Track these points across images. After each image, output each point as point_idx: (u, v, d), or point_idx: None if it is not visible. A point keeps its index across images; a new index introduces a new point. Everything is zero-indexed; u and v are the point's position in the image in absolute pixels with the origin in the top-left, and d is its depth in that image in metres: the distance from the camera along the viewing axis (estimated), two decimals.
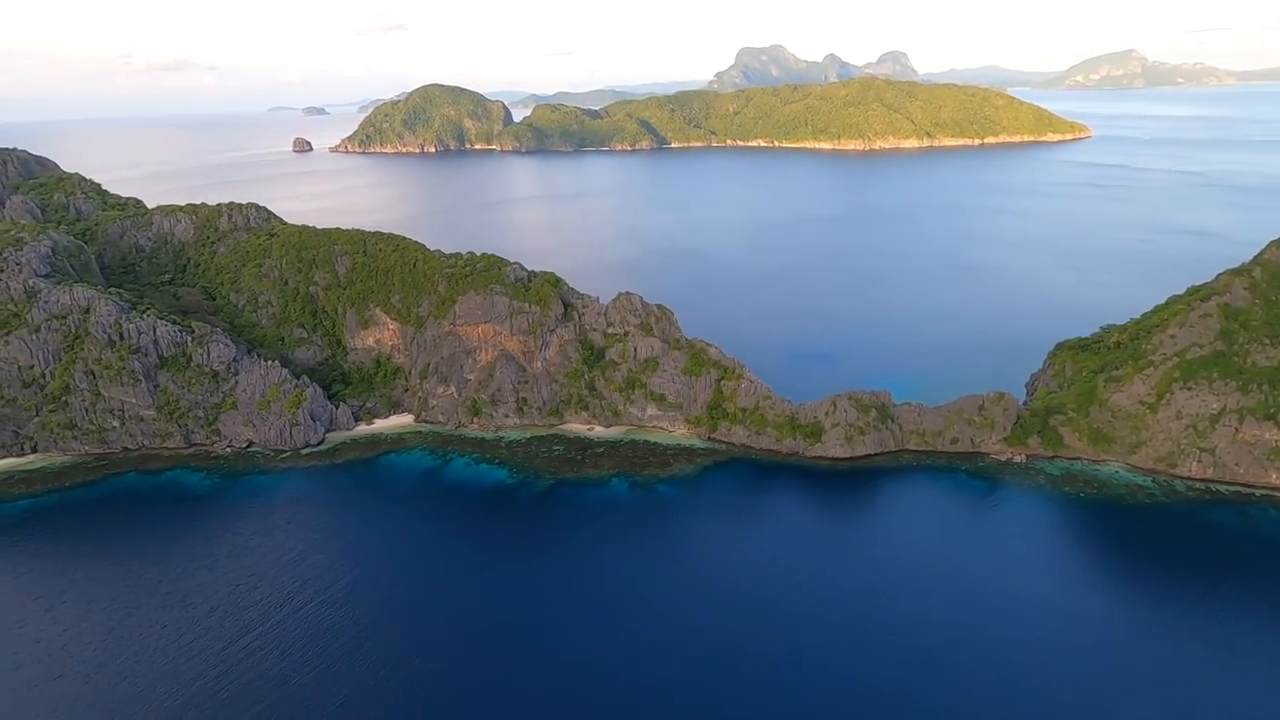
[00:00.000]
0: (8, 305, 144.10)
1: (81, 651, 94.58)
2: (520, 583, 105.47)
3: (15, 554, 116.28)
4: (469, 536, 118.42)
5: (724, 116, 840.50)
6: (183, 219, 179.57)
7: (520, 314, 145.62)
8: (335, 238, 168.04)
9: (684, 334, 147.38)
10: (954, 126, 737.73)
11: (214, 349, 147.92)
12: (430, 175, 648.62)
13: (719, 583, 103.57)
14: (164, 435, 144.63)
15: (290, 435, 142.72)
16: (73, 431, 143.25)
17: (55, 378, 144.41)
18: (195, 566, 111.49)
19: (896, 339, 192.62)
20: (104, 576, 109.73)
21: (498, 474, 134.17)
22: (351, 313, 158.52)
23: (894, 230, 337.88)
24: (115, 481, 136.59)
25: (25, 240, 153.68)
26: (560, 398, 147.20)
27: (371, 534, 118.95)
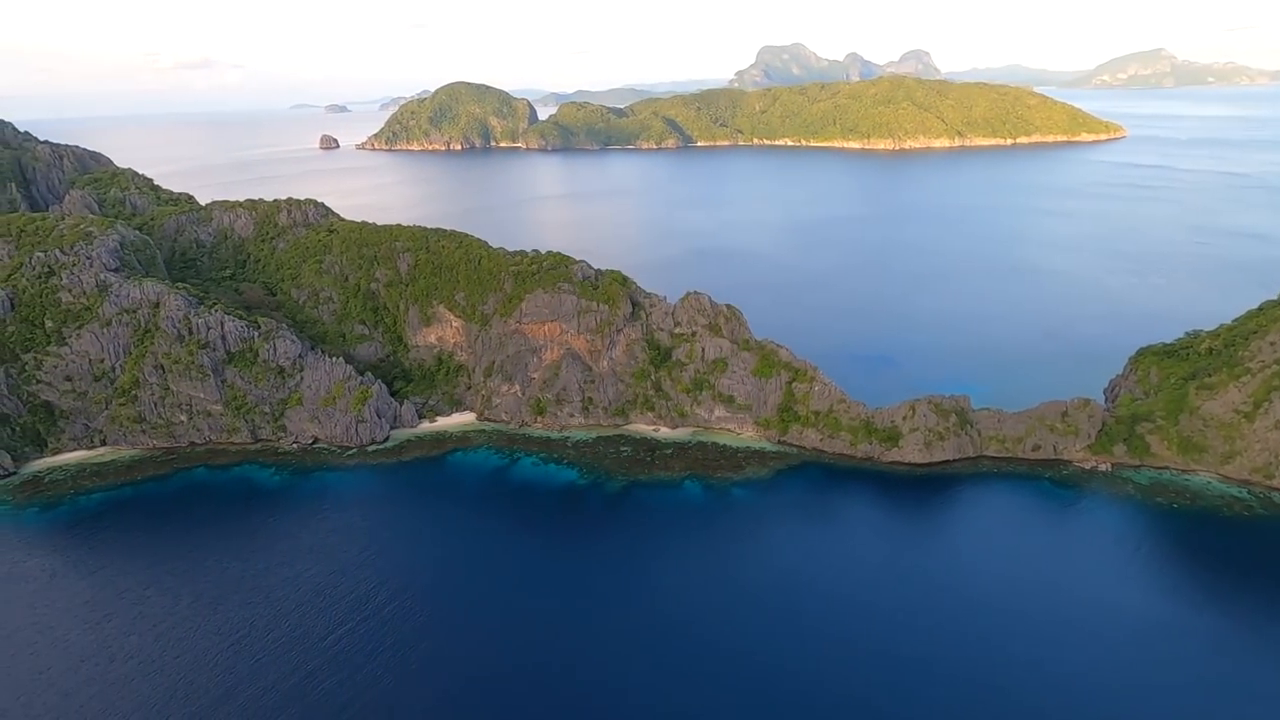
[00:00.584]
0: (80, 299, 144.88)
1: (174, 646, 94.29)
2: (602, 586, 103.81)
3: (96, 547, 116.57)
4: (545, 537, 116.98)
5: (750, 115, 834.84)
6: (242, 214, 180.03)
7: (588, 312, 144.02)
8: (397, 234, 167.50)
9: (753, 335, 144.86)
10: (986, 126, 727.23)
11: (280, 345, 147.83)
12: (459, 173, 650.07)
13: (802, 587, 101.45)
14: (231, 430, 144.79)
15: (356, 432, 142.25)
16: (141, 425, 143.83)
17: (125, 371, 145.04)
18: (275, 563, 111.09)
19: (961, 342, 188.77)
20: (187, 571, 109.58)
21: (567, 474, 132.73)
22: (414, 310, 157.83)
23: (938, 230, 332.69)
24: (185, 476, 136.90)
25: (94, 234, 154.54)
26: (626, 398, 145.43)
27: (446, 533, 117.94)
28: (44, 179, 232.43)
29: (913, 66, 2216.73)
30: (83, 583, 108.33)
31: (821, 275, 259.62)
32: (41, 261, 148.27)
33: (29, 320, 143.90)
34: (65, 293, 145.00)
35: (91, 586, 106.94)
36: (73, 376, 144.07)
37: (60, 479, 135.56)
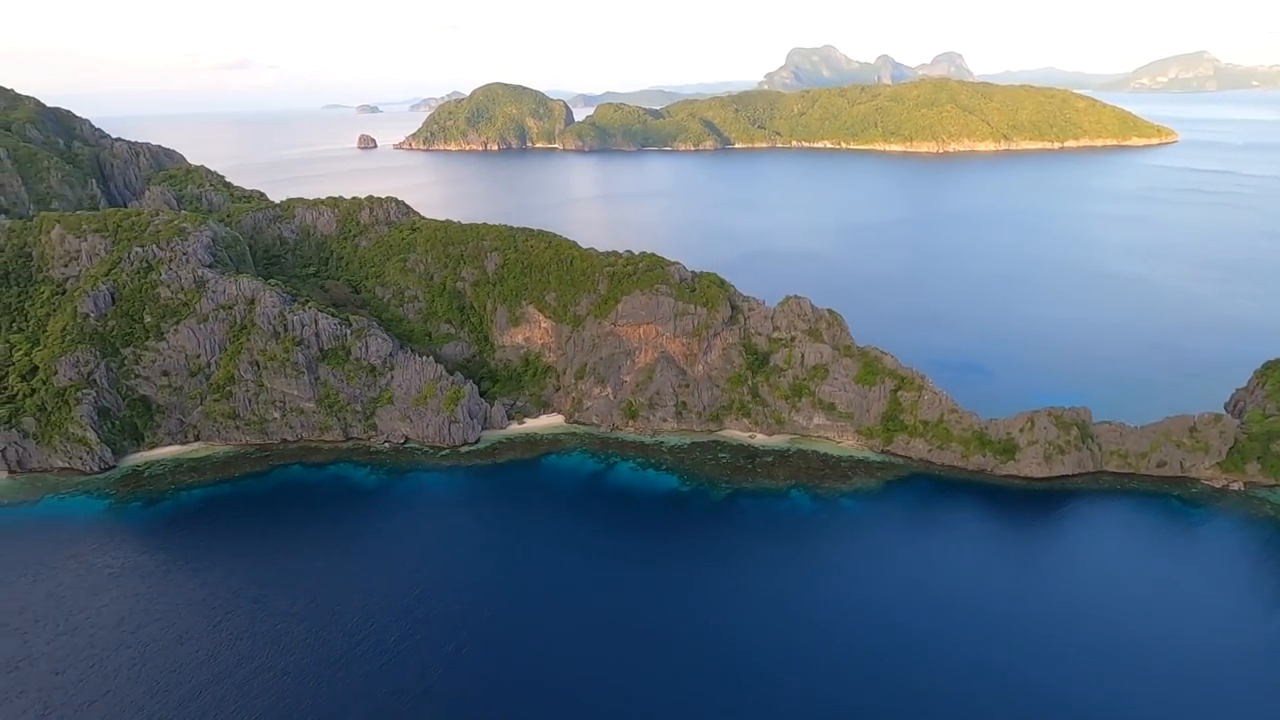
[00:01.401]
0: (178, 295, 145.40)
1: (297, 647, 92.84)
2: (714, 597, 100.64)
3: (203, 543, 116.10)
4: (650, 544, 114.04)
5: (789, 117, 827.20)
6: (325, 212, 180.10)
7: (685, 315, 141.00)
8: (483, 233, 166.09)
9: (854, 341, 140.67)
10: (1032, 129, 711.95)
11: (372, 343, 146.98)
12: (500, 173, 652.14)
13: (922, 603, 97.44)
14: (323, 428, 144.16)
15: (449, 432, 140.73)
16: (235, 421, 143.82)
17: (220, 367, 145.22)
18: (384, 564, 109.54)
19: (1055, 351, 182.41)
20: (298, 570, 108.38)
21: (667, 480, 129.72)
22: (502, 309, 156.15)
23: (1002, 234, 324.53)
24: (281, 474, 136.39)
25: (189, 230, 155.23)
26: (720, 403, 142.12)
27: (550, 539, 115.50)
28: (121, 175, 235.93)
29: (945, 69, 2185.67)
30: (196, 579, 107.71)
31: (889, 279, 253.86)
32: (140, 256, 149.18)
33: (129, 315, 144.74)
34: (164, 288, 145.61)
35: (206, 584, 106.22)
36: (169, 371, 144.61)
37: (159, 474, 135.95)
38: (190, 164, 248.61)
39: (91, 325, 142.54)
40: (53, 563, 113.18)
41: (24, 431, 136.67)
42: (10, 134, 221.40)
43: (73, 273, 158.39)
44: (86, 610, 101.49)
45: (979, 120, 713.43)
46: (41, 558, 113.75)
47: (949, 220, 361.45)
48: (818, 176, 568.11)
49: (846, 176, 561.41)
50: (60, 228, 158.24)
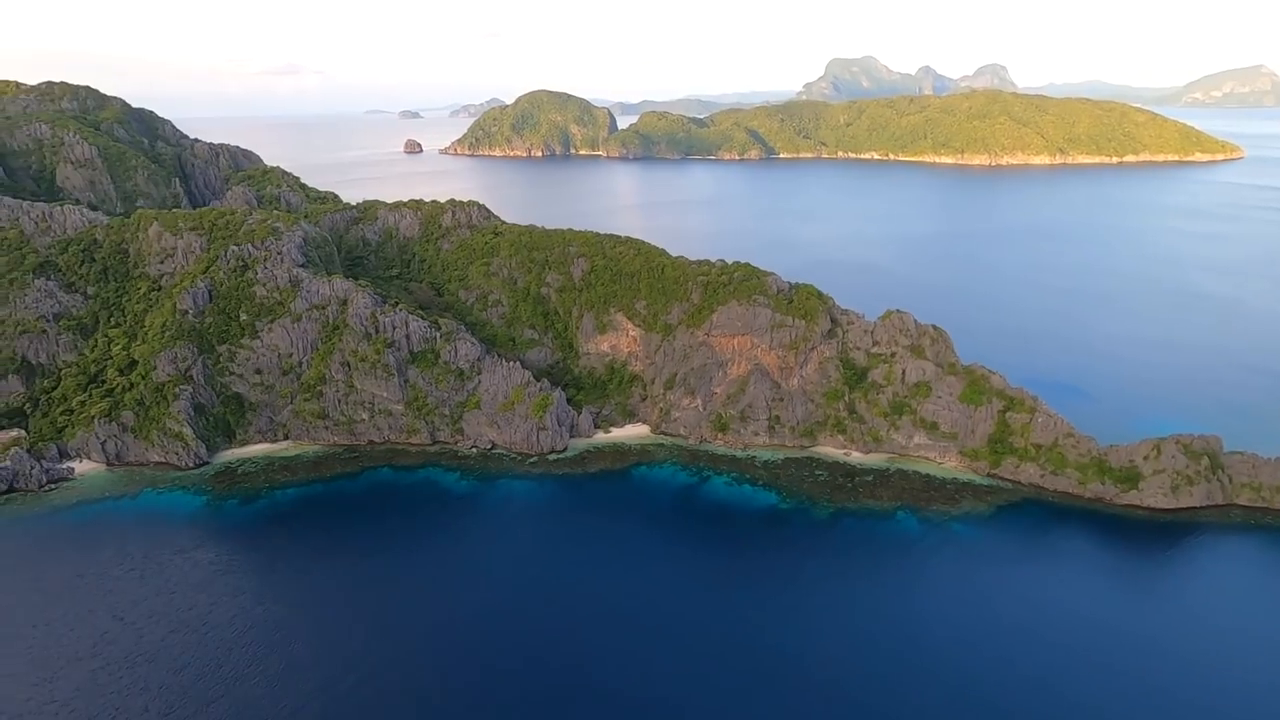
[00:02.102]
0: (273, 293, 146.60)
1: (416, 654, 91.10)
2: (820, 621, 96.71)
3: (302, 543, 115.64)
4: (754, 562, 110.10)
5: (834, 128, 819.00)
6: (407, 214, 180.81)
7: (782, 327, 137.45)
8: (570, 239, 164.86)
9: (960, 358, 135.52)
10: (1089, 143, 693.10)
11: (461, 347, 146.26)
12: (547, 179, 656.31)
13: (1044, 641, 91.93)
14: (410, 431, 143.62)
15: (537, 439, 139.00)
16: (324, 421, 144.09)
17: (311, 367, 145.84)
18: (479, 572, 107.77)
19: (1154, 373, 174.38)
20: (396, 574, 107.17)
21: (765, 497, 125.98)
22: (589, 316, 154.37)
23: (1073, 249, 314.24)
24: (371, 476, 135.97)
25: (281, 230, 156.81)
26: (815, 418, 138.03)
27: (649, 553, 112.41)
28: (202, 175, 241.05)
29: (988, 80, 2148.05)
30: (299, 580, 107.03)
31: (961, 293, 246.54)
32: (236, 255, 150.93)
33: (225, 312, 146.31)
34: (260, 287, 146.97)
35: (309, 586, 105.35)
36: (262, 369, 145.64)
37: (252, 471, 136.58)
38: (267, 165, 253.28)
39: (190, 322, 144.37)
40: (159, 558, 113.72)
41: (123, 425, 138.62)
42: (99, 133, 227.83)
43: (168, 269, 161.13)
44: (196, 607, 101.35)
45: (1033, 133, 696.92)
46: (148, 553, 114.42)
47: (1016, 234, 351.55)
48: (870, 187, 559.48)
49: (900, 188, 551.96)
50: (158, 225, 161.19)
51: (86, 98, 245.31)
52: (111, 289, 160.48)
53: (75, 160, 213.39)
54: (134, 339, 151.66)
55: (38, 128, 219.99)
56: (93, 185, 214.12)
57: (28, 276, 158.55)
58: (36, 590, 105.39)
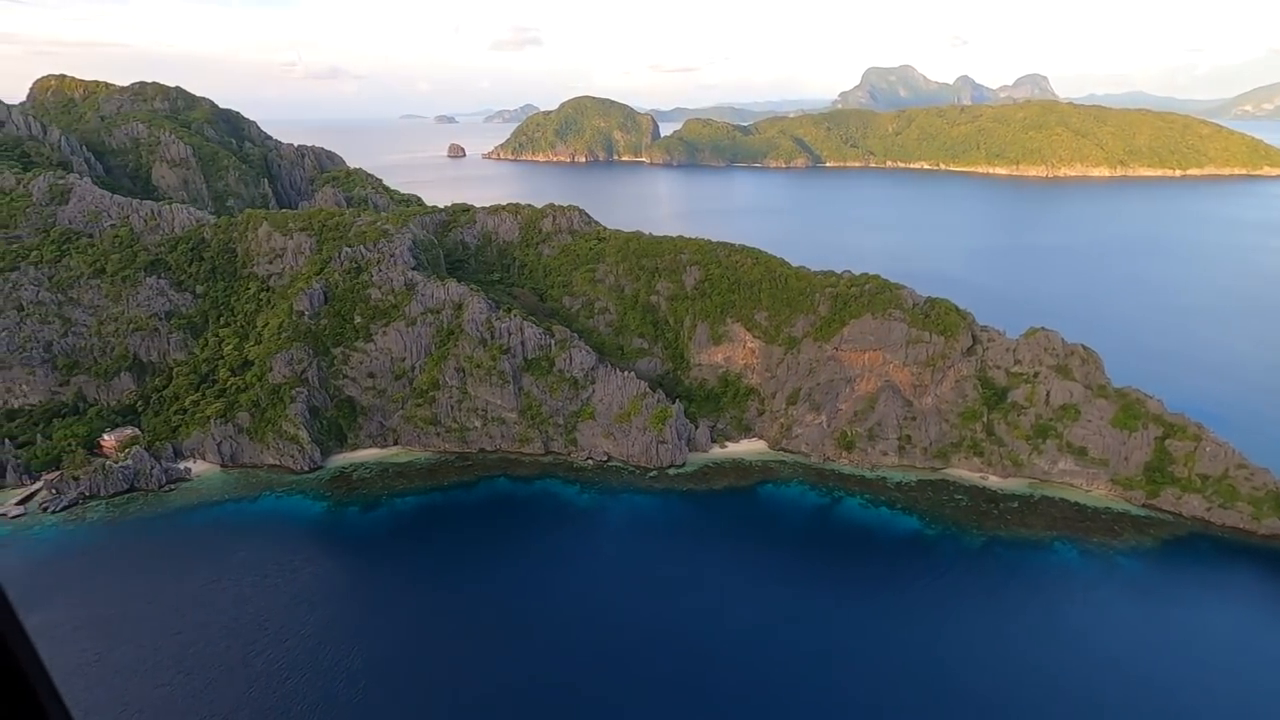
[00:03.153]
0: (388, 296, 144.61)
1: (548, 667, 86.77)
2: (980, 659, 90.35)
3: (430, 555, 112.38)
4: (906, 592, 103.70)
5: (883, 137, 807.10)
6: (506, 218, 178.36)
7: (919, 343, 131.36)
8: (680, 246, 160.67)
9: (1110, 380, 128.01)
10: (1151, 155, 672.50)
11: (575, 355, 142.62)
12: (594, 185, 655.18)
13: (1236, 695, 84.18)
14: (523, 440, 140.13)
15: (656, 453, 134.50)
16: (436, 428, 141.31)
17: (424, 372, 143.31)
18: (615, 591, 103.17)
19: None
20: (528, 590, 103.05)
21: (906, 521, 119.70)
22: (703, 326, 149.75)
23: (1166, 264, 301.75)
24: (488, 485, 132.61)
25: (391, 232, 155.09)
26: (949, 439, 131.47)
27: (787, 578, 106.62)
28: (288, 175, 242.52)
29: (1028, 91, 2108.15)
30: (434, 593, 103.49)
31: (1055, 309, 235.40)
32: (350, 257, 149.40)
33: (340, 315, 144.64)
34: (375, 289, 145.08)
35: (444, 603, 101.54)
36: (375, 373, 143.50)
37: (366, 477, 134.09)
38: (349, 166, 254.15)
39: (305, 324, 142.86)
40: (290, 565, 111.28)
41: (238, 426, 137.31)
42: (191, 132, 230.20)
43: (276, 270, 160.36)
44: (337, 620, 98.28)
45: (1092, 144, 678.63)
46: (278, 559, 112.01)
47: (1103, 248, 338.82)
48: (928, 197, 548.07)
49: (960, 198, 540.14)
50: (267, 225, 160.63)
51: (177, 98, 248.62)
52: (220, 288, 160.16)
53: (170, 159, 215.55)
54: (245, 339, 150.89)
55: (134, 127, 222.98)
56: (186, 184, 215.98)
57: (139, 274, 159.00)
58: (176, 595, 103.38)
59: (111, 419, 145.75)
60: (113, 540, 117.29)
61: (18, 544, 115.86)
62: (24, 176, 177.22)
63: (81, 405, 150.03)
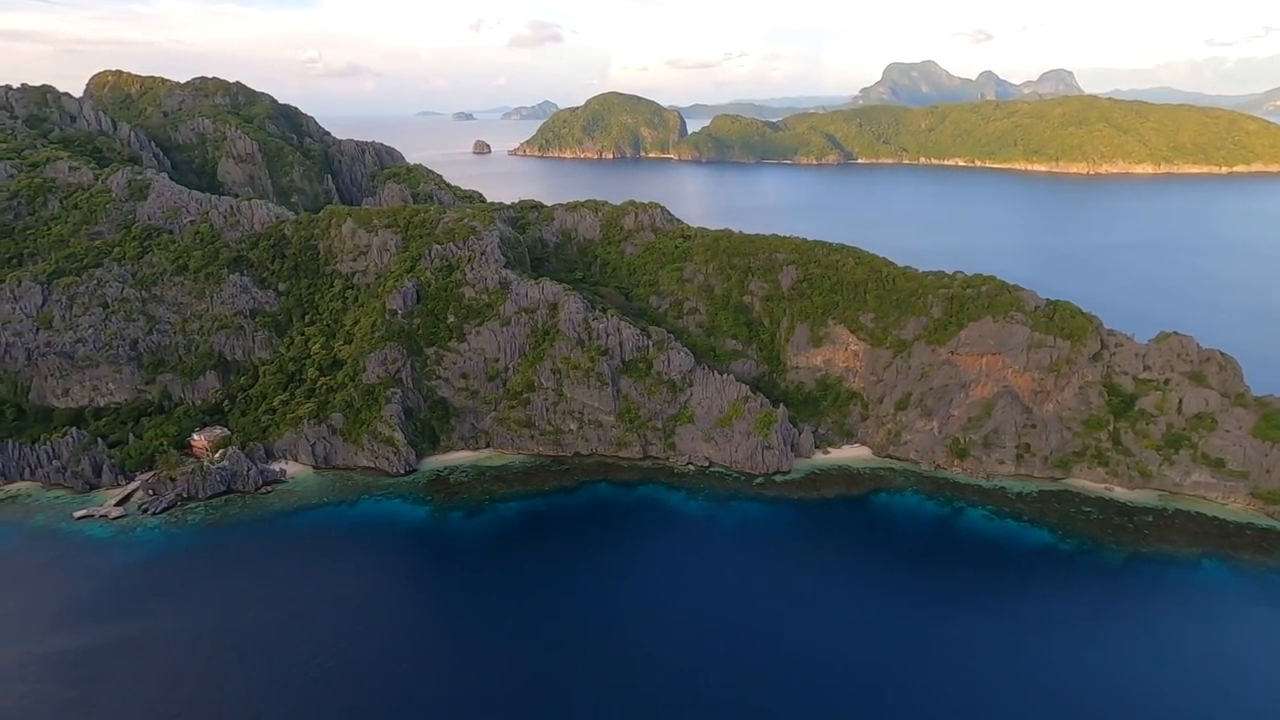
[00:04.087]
0: (482, 295, 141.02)
1: (681, 682, 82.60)
2: (1153, 682, 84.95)
3: (540, 564, 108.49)
4: (1047, 610, 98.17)
5: (916, 133, 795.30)
6: (586, 215, 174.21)
7: (1041, 347, 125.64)
8: (775, 245, 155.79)
9: (1249, 389, 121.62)
10: (1195, 152, 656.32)
11: (674, 357, 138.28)
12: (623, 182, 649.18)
13: None
14: (621, 444, 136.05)
15: (762, 458, 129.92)
16: (530, 430, 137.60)
17: (518, 373, 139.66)
18: (733, 605, 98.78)
19: None
20: (652, 602, 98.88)
21: (1036, 535, 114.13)
22: (802, 328, 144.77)
23: (1248, 265, 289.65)
24: (590, 491, 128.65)
25: (478, 229, 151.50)
26: (1071, 448, 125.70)
27: (924, 596, 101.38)
28: (348, 171, 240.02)
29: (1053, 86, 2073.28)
30: (557, 608, 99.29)
31: (1142, 314, 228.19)
32: (440, 254, 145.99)
33: (433, 314, 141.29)
34: (468, 288, 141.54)
35: (571, 617, 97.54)
36: (468, 374, 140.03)
37: (464, 481, 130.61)
38: (408, 163, 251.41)
39: (398, 323, 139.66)
40: (400, 573, 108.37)
41: (331, 427, 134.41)
42: (254, 127, 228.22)
43: (360, 267, 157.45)
44: (460, 634, 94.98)
45: (1134, 141, 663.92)
46: (388, 567, 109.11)
47: (1169, 247, 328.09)
48: (972, 195, 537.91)
49: (1003, 196, 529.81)
50: (351, 222, 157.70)
51: (238, 93, 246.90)
52: (303, 285, 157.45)
53: (236, 155, 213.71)
54: (332, 337, 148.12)
55: (200, 122, 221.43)
56: (252, 180, 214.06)
57: (222, 271, 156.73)
58: (289, 603, 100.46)
59: (199, 418, 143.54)
60: (217, 544, 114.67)
61: (121, 547, 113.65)
62: (101, 172, 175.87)
63: (166, 404, 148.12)
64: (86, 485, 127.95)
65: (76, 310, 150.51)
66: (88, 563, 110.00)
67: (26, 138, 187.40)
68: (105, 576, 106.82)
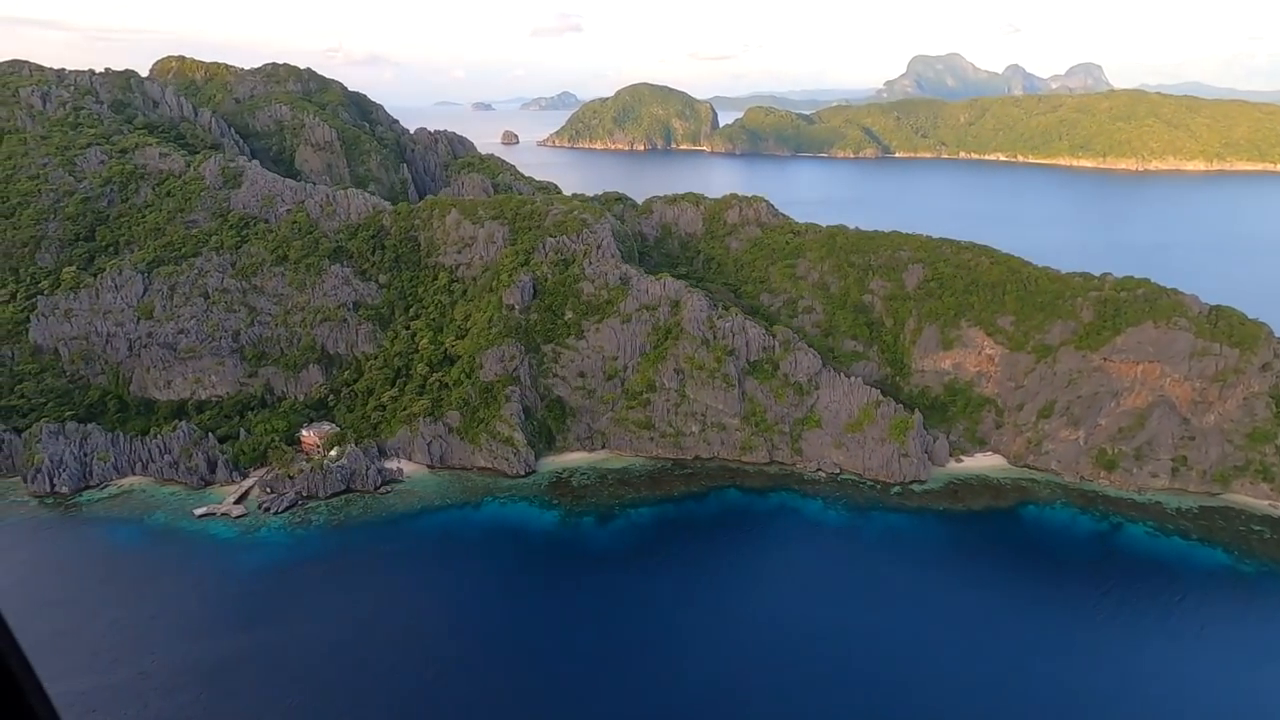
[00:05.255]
0: (602, 291, 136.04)
1: None
2: None
3: (690, 576, 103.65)
4: (1238, 637, 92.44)
5: (954, 127, 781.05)
6: (687, 209, 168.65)
7: (1207, 355, 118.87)
8: (898, 242, 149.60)
9: None
10: (1250, 149, 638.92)
11: (801, 358, 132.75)
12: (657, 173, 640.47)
13: None
14: (746, 448, 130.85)
15: (899, 466, 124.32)
16: (649, 432, 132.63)
17: (637, 372, 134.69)
18: (899, 630, 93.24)
19: None
20: (800, 615, 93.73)
21: (1209, 554, 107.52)
22: (930, 330, 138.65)
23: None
24: (719, 497, 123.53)
25: (589, 222, 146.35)
26: (1231, 461, 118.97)
27: (1096, 618, 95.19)
28: (421, 161, 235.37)
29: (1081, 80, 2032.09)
30: (709, 623, 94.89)
31: None
32: (554, 248, 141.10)
33: (551, 309, 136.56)
34: (588, 283, 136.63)
35: (723, 631, 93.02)
36: (585, 373, 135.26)
37: (587, 483, 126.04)
38: (480, 152, 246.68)
39: (516, 319, 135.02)
40: (543, 583, 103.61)
41: (448, 426, 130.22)
42: (328, 114, 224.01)
43: (465, 260, 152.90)
44: (619, 650, 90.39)
45: (1186, 136, 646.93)
46: (535, 578, 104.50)
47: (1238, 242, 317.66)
48: (1019, 190, 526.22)
49: (1054, 191, 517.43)
50: (456, 212, 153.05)
51: (309, 79, 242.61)
52: (405, 278, 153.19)
53: (315, 143, 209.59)
54: (440, 332, 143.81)
55: (278, 109, 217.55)
56: (329, 169, 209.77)
57: (322, 262, 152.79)
58: (434, 612, 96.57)
59: (305, 413, 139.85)
60: (345, 547, 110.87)
61: (249, 548, 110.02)
62: (192, 159, 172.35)
63: (268, 398, 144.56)
64: (201, 481, 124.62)
65: (177, 301, 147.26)
66: (218, 564, 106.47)
67: (113, 123, 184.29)
68: (239, 579, 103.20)
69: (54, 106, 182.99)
